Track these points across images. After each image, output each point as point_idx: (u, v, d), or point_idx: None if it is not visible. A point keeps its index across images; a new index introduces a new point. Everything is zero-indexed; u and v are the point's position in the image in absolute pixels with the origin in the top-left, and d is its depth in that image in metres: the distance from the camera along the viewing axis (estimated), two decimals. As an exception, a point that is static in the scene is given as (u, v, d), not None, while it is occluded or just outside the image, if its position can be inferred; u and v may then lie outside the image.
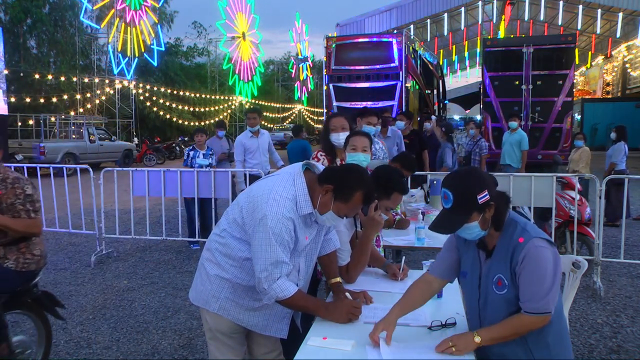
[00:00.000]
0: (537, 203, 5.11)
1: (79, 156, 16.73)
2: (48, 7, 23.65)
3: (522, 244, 1.80)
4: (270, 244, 1.95)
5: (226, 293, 2.17)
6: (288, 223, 1.97)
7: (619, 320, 4.12)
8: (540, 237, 1.81)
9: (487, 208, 1.82)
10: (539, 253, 1.77)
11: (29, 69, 21.16)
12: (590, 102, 26.34)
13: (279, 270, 1.98)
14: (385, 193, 2.43)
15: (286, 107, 39.81)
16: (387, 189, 2.43)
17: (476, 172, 1.90)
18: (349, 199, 2.02)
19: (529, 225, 1.86)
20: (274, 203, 1.97)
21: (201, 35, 33.72)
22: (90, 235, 6.68)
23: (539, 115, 13.34)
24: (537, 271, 1.77)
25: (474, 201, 1.79)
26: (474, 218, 1.83)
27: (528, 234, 1.81)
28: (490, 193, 1.82)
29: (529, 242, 1.79)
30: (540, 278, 1.77)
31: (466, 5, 25.99)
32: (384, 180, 2.44)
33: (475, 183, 1.81)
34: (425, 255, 4.76)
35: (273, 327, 2.24)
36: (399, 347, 1.86)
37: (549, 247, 1.80)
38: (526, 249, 1.78)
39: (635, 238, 6.78)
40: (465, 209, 1.82)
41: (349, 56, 14.25)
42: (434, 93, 19.50)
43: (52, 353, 3.62)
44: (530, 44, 13.45)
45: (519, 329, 1.82)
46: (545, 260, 1.77)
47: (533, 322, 1.80)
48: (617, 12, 23.58)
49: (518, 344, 1.87)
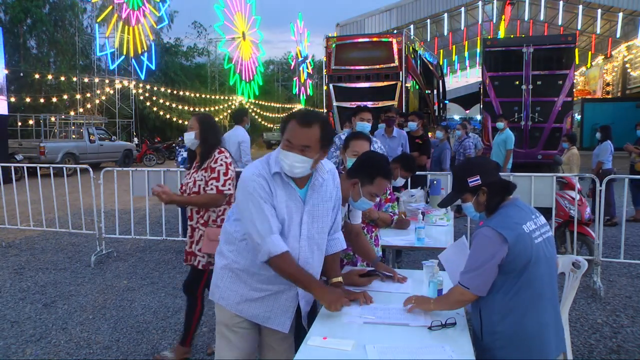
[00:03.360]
0: (537, 203, 5.11)
1: (79, 156, 16.73)
2: (48, 7, 23.64)
3: (479, 227, 2.08)
4: (252, 199, 2.04)
5: (226, 282, 2.22)
6: (260, 179, 2.06)
7: (619, 320, 4.12)
8: (492, 227, 1.99)
9: (479, 192, 2.11)
10: (481, 238, 2.02)
11: (29, 69, 21.15)
12: (590, 102, 26.34)
13: (268, 226, 2.03)
14: (369, 178, 2.46)
15: (286, 107, 39.80)
16: (371, 174, 2.46)
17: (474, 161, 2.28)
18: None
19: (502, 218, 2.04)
20: (248, 167, 2.16)
21: (201, 35, 33.75)
22: (90, 235, 6.68)
23: (539, 115, 13.35)
24: (473, 250, 2.05)
25: (465, 183, 2.12)
26: (467, 199, 2.16)
27: (489, 222, 2.06)
28: (484, 180, 2.09)
29: (482, 227, 2.04)
30: (472, 256, 2.04)
31: (466, 5, 25.99)
32: (367, 165, 2.50)
33: (469, 169, 2.15)
34: (425, 255, 4.76)
35: (275, 320, 2.22)
36: (399, 347, 1.87)
37: (493, 238, 1.97)
38: (477, 231, 2.06)
39: (635, 238, 6.78)
40: (458, 189, 2.18)
41: (349, 56, 14.26)
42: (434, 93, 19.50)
43: (52, 353, 3.62)
44: (530, 44, 13.45)
45: (452, 297, 2.11)
46: (482, 245, 2.01)
47: (459, 292, 2.06)
48: (617, 12, 23.59)
49: (477, 321, 2.11)
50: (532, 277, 1.98)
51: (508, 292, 2.00)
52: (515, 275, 1.98)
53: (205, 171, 3.15)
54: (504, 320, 2.01)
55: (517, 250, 1.95)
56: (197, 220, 3.24)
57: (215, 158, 3.15)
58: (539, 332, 2.01)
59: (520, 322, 2.00)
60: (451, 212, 4.28)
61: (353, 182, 2.47)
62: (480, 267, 1.99)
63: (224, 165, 3.14)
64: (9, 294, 4.86)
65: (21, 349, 3.69)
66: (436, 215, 4.19)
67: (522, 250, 1.95)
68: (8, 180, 7.48)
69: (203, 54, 33.82)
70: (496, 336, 2.04)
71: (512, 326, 2.00)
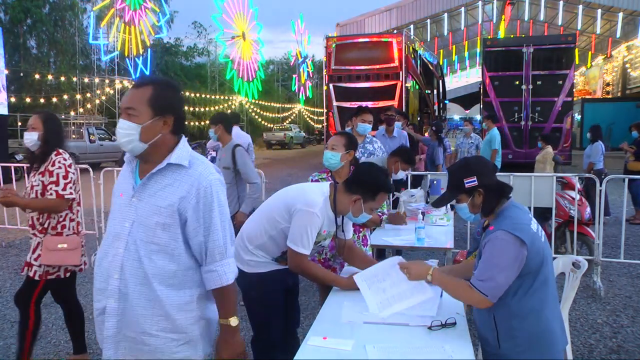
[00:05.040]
0: (537, 203, 5.11)
1: (79, 156, 16.70)
2: (48, 7, 23.64)
3: (491, 232, 2.00)
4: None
5: None
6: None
7: (619, 320, 4.12)
8: (508, 231, 1.93)
9: (475, 193, 2.06)
10: (500, 243, 1.94)
11: (29, 69, 21.15)
12: (590, 102, 26.31)
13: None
14: (371, 193, 2.42)
15: (286, 107, 39.79)
16: (373, 190, 2.42)
17: (471, 161, 2.15)
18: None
19: (512, 220, 1.98)
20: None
21: (201, 35, 33.74)
22: (91, 235, 6.67)
23: (539, 115, 13.36)
24: (490, 255, 1.96)
25: (461, 184, 2.06)
26: (462, 199, 2.11)
27: (500, 225, 1.98)
28: (481, 181, 2.03)
29: (496, 231, 1.97)
30: (490, 261, 1.95)
31: (466, 5, 26.00)
32: (369, 181, 2.44)
33: (465, 169, 2.09)
34: (425, 255, 4.76)
35: None
36: (399, 347, 1.87)
37: (512, 242, 1.92)
38: (491, 236, 1.98)
39: (635, 238, 6.77)
40: (453, 190, 2.12)
41: (349, 56, 14.27)
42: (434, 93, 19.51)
43: (52, 353, 3.62)
44: (530, 44, 13.46)
45: (461, 293, 2.05)
46: (501, 250, 1.93)
47: (471, 295, 1.98)
48: (617, 12, 23.59)
49: (491, 330, 2.03)
50: (545, 275, 1.99)
51: (525, 293, 1.97)
52: (532, 277, 1.97)
53: (42, 175, 2.93)
54: (524, 322, 1.97)
55: (534, 251, 1.94)
56: (36, 226, 3.00)
57: (53, 161, 2.94)
58: (551, 328, 2.01)
59: (539, 322, 1.98)
60: (451, 212, 4.27)
61: (355, 199, 2.41)
62: (501, 274, 1.92)
63: (63, 168, 2.94)
64: (9, 294, 4.86)
65: (21, 349, 3.69)
66: (436, 215, 4.19)
67: (537, 251, 1.95)
68: (8, 180, 7.48)
69: (203, 54, 33.80)
70: (517, 341, 1.98)
71: (533, 327, 1.97)
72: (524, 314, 1.97)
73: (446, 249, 3.55)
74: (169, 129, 1.74)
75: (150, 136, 1.70)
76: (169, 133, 1.75)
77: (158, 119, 1.70)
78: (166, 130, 1.73)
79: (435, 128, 8.34)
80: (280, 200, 2.51)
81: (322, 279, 2.56)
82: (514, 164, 12.31)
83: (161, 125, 1.72)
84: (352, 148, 3.16)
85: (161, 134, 1.72)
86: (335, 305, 2.29)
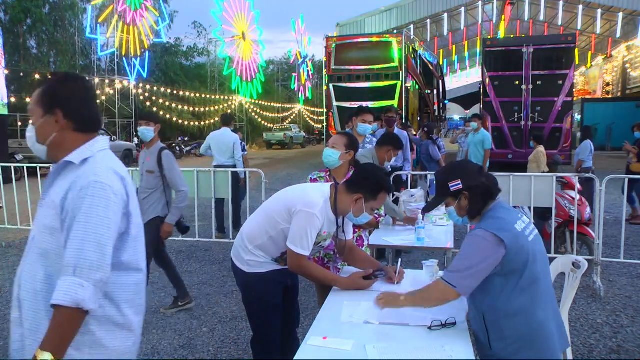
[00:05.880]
0: (537, 203, 5.11)
1: (79, 156, 16.73)
2: (48, 7, 23.64)
3: (470, 231, 2.05)
4: None
5: None
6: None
7: (619, 320, 4.12)
8: (486, 229, 1.97)
9: (461, 196, 2.08)
10: (473, 239, 1.99)
11: (29, 69, 21.15)
12: (590, 102, 26.33)
13: None
14: (373, 193, 2.42)
15: (286, 107, 39.78)
16: (375, 190, 2.42)
17: (456, 164, 2.19)
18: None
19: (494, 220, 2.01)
20: None
21: (201, 35, 33.74)
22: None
23: (539, 115, 13.36)
24: (463, 251, 2.01)
25: (447, 188, 2.08)
26: (449, 203, 2.13)
27: (481, 224, 2.03)
28: (466, 184, 2.05)
29: (476, 230, 2.01)
30: (462, 255, 2.00)
31: (466, 5, 26.02)
32: (370, 181, 2.44)
33: (449, 173, 2.12)
34: (425, 255, 4.76)
35: None
36: (399, 347, 1.87)
37: (488, 240, 1.95)
38: (470, 233, 2.04)
39: (635, 238, 6.77)
40: (440, 194, 2.15)
41: (349, 56, 14.28)
42: (434, 93, 19.51)
43: (52, 353, 3.62)
44: (530, 44, 13.46)
45: (431, 293, 2.07)
46: (475, 246, 1.98)
47: (441, 288, 2.02)
48: (617, 12, 23.61)
49: (482, 330, 2.03)
50: (533, 274, 1.98)
51: (512, 292, 1.98)
52: (517, 275, 1.97)
53: None
54: (513, 321, 1.97)
55: (516, 250, 1.94)
56: None
57: None
58: (544, 327, 2.00)
59: (530, 321, 1.98)
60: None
61: (357, 198, 2.41)
62: (471, 268, 1.96)
63: None
64: (9, 294, 4.86)
65: (21, 349, 3.69)
66: (436, 215, 4.19)
67: (520, 249, 1.95)
68: (8, 180, 7.48)
69: (203, 54, 33.80)
70: (507, 341, 1.98)
71: (523, 327, 1.97)
72: (512, 313, 1.97)
73: (446, 249, 3.55)
74: (67, 126, 1.58)
75: (46, 136, 1.58)
76: (71, 131, 1.59)
77: (49, 117, 1.57)
78: (60, 127, 1.57)
79: (427, 129, 8.56)
80: (280, 201, 2.50)
81: (322, 279, 2.56)
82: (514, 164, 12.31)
83: (53, 123, 1.57)
84: (353, 149, 3.16)
85: (56, 133, 1.57)
86: (335, 305, 2.29)
